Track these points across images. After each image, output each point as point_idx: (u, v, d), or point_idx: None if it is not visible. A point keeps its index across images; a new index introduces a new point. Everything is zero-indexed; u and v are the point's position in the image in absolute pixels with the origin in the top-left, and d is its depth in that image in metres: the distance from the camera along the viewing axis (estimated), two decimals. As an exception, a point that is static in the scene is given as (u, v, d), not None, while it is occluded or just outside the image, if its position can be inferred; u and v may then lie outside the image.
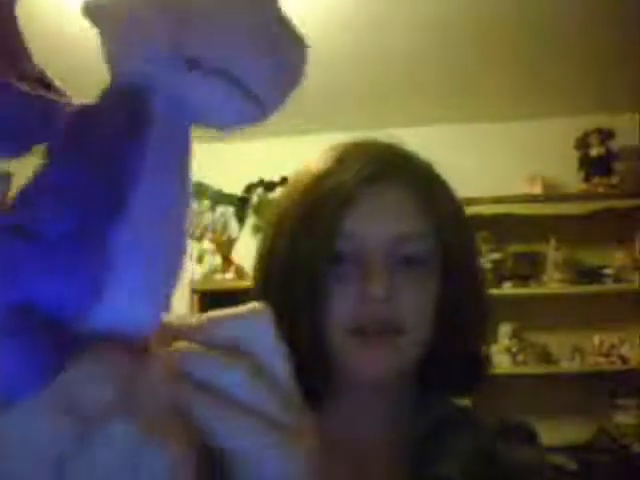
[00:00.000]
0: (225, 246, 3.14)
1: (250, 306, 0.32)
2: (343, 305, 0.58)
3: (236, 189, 3.32)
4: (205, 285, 3.03)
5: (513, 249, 3.05)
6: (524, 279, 2.96)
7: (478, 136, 3.21)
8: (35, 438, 0.26)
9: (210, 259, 3.12)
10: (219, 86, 0.28)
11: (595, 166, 2.98)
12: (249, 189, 3.27)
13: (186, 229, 0.32)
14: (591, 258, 2.99)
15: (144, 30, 0.28)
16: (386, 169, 0.62)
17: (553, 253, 2.95)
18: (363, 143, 0.66)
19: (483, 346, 0.68)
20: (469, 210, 2.73)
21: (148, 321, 0.29)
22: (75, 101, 0.32)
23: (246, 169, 3.27)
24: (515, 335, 2.88)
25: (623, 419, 2.75)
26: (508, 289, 2.93)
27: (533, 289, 2.95)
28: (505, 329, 2.88)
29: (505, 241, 3.04)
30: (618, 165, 2.98)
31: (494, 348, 2.89)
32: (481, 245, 2.96)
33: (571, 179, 3.06)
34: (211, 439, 0.28)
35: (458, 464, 0.61)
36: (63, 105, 0.31)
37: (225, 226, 3.28)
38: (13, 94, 0.29)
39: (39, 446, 0.26)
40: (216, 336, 0.30)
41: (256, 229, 3.05)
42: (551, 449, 2.54)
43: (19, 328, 0.26)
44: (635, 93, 2.87)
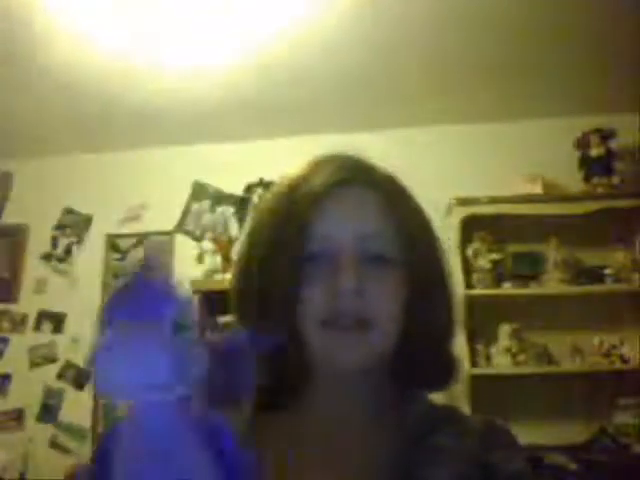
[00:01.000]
0: (225, 246, 3.13)
1: None
2: (315, 301, 0.62)
3: (236, 189, 3.32)
4: (205, 285, 3.03)
5: (513, 249, 3.05)
6: (524, 279, 2.96)
7: (478, 136, 3.21)
8: None
9: (210, 259, 3.12)
10: None
11: (595, 166, 2.98)
12: (249, 189, 3.27)
13: None
14: (591, 258, 2.98)
15: None
16: (352, 175, 0.67)
17: (553, 253, 2.94)
18: (333, 155, 0.71)
19: (451, 344, 0.70)
20: (469, 210, 2.74)
21: None
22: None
23: (246, 169, 3.27)
24: (515, 335, 2.87)
25: (623, 419, 2.75)
26: (508, 289, 2.93)
27: (533, 289, 2.94)
28: (505, 329, 2.88)
29: (505, 241, 3.04)
30: (618, 165, 2.98)
31: (494, 348, 2.89)
32: (481, 245, 2.97)
33: (571, 179, 3.06)
34: None
35: (447, 468, 0.62)
36: None
37: (225, 226, 3.28)
38: None
39: None
40: None
41: (256, 229, 3.04)
42: (551, 449, 2.54)
43: None
44: (635, 93, 2.87)
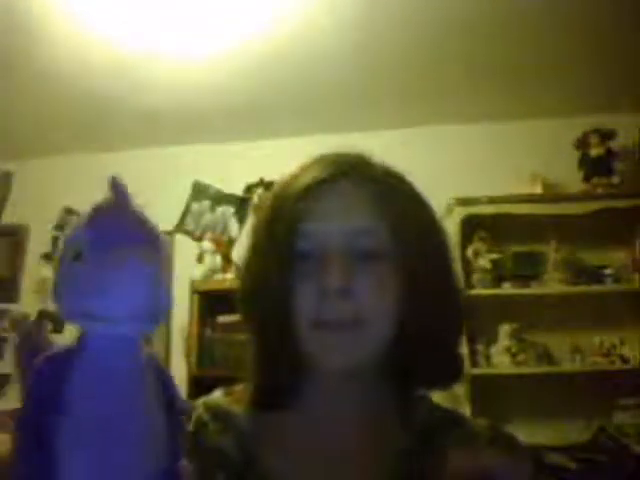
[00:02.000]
0: (225, 246, 3.14)
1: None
2: (306, 301, 0.61)
3: (236, 189, 3.32)
4: (205, 285, 3.03)
5: (513, 249, 3.05)
6: (524, 279, 2.96)
7: (478, 136, 3.21)
8: None
9: (210, 259, 3.12)
10: None
11: (595, 166, 2.98)
12: (249, 189, 3.27)
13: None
14: (591, 258, 2.98)
15: None
16: (340, 172, 0.66)
17: (553, 253, 2.95)
18: (328, 154, 0.70)
19: (457, 341, 0.69)
20: (469, 210, 2.73)
21: None
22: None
23: (246, 169, 3.27)
24: (515, 335, 2.87)
25: (623, 419, 2.75)
26: (508, 289, 2.93)
27: (533, 289, 2.94)
28: (505, 329, 2.88)
29: (505, 241, 3.04)
30: (618, 165, 2.98)
31: (494, 348, 2.89)
32: (481, 245, 2.97)
33: (571, 179, 3.06)
34: None
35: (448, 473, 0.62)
36: None
37: (225, 226, 3.28)
38: None
39: None
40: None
41: (256, 229, 3.05)
42: (551, 449, 2.54)
43: None
44: (635, 93, 2.87)
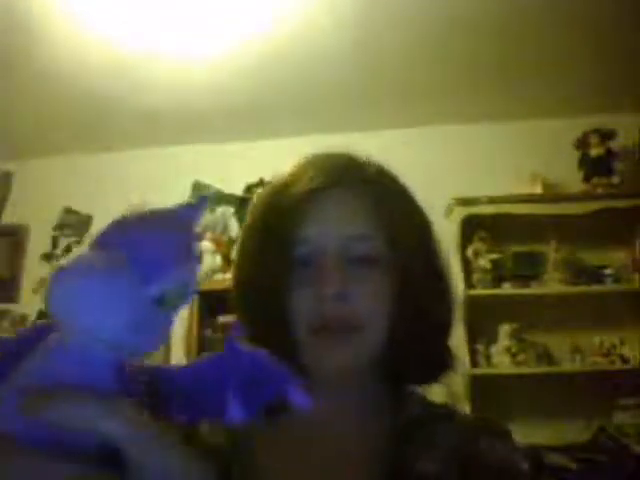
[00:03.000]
0: (225, 246, 3.13)
1: None
2: (303, 306, 0.62)
3: (236, 189, 3.32)
4: (205, 285, 3.03)
5: (513, 249, 3.05)
6: (524, 279, 2.95)
7: (478, 136, 3.21)
8: None
9: (210, 259, 3.12)
10: None
11: (595, 166, 2.98)
12: (249, 189, 3.27)
13: None
14: (591, 258, 2.98)
15: None
16: (335, 179, 0.66)
17: (553, 253, 2.94)
18: (320, 155, 0.70)
19: (448, 337, 0.70)
20: (469, 210, 2.74)
21: None
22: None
23: (246, 169, 3.27)
24: (515, 335, 2.87)
25: (623, 419, 2.75)
26: (508, 289, 2.93)
27: (533, 289, 2.94)
28: (505, 329, 2.88)
29: (505, 241, 3.04)
30: (618, 165, 2.97)
31: (494, 348, 2.89)
32: (481, 245, 2.97)
33: (571, 179, 3.06)
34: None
35: (440, 461, 0.63)
36: None
37: (225, 226, 3.28)
38: None
39: None
40: None
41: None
42: (551, 449, 2.54)
43: None
44: (635, 93, 2.87)
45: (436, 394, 0.72)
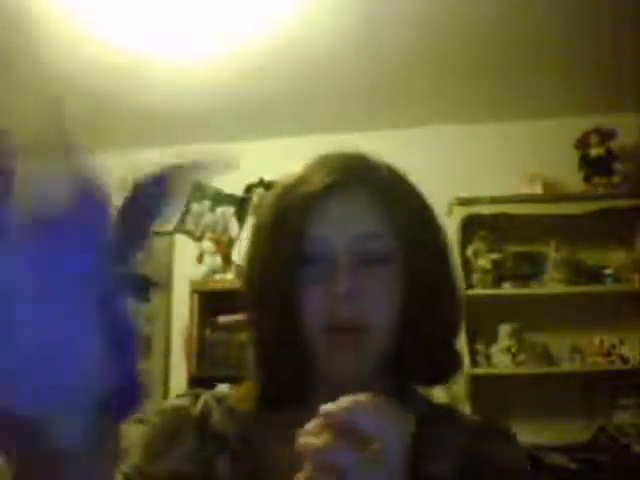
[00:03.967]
0: (225, 246, 3.13)
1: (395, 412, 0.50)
2: (313, 305, 0.63)
3: (236, 189, 3.32)
4: (205, 285, 3.03)
5: (513, 249, 3.05)
6: (524, 279, 2.95)
7: (478, 136, 3.21)
8: None
9: (210, 259, 3.12)
10: None
11: (595, 166, 2.98)
12: (249, 189, 3.27)
13: None
14: (591, 258, 2.98)
15: None
16: (346, 178, 0.66)
17: (553, 253, 2.94)
18: (331, 155, 0.71)
19: (455, 339, 0.70)
20: (469, 210, 2.73)
21: None
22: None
23: (246, 169, 3.27)
24: (515, 335, 2.87)
25: (623, 419, 2.75)
26: (508, 289, 2.93)
27: (533, 289, 2.94)
28: (505, 329, 2.88)
29: (505, 241, 3.04)
30: (618, 165, 2.97)
31: (494, 348, 2.89)
32: (481, 245, 2.96)
33: (571, 179, 3.06)
34: None
35: (448, 462, 0.63)
36: None
37: (225, 226, 3.28)
38: None
39: None
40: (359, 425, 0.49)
41: (256, 229, 3.05)
42: (551, 449, 2.54)
43: None
44: (636, 93, 2.87)
45: (436, 394, 0.72)
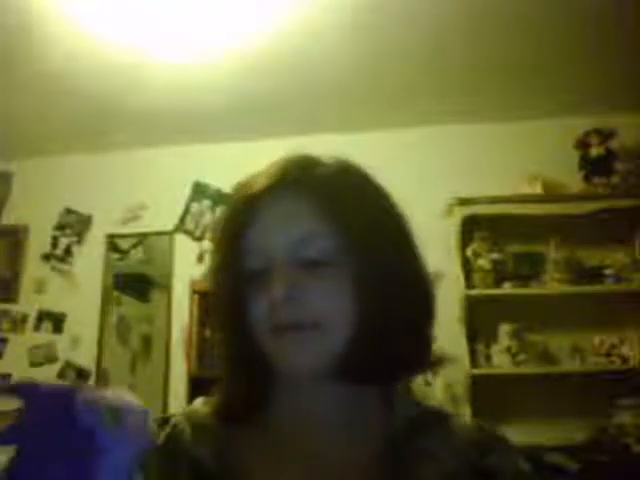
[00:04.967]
0: (225, 246, 3.13)
1: None
2: (260, 313, 0.63)
3: (236, 189, 3.32)
4: (205, 285, 3.02)
5: (513, 249, 3.05)
6: (524, 279, 2.96)
7: (478, 136, 3.21)
8: None
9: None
10: None
11: (595, 166, 2.98)
12: (249, 189, 3.27)
13: None
14: (591, 258, 2.99)
15: None
16: (282, 182, 0.66)
17: (553, 253, 2.95)
18: (276, 161, 0.71)
19: (428, 325, 0.67)
20: (469, 210, 2.73)
21: None
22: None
23: (246, 169, 3.26)
24: (515, 335, 2.87)
25: (623, 419, 2.75)
26: (508, 289, 2.93)
27: (533, 289, 2.94)
28: (505, 329, 2.88)
29: (505, 241, 3.04)
30: (618, 165, 2.98)
31: (494, 348, 2.89)
32: (481, 245, 2.97)
33: (571, 179, 3.06)
34: None
35: (432, 469, 0.63)
36: None
37: (225, 226, 3.28)
38: None
39: None
40: None
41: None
42: (551, 449, 2.54)
43: None
44: (635, 93, 2.87)
45: (436, 394, 0.72)
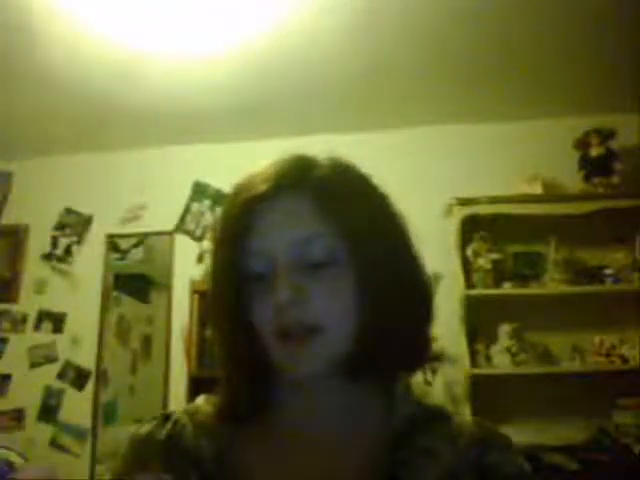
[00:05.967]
0: (225, 246, 3.14)
1: None
2: (264, 316, 0.63)
3: (236, 189, 3.32)
4: (205, 285, 3.02)
5: (513, 249, 3.05)
6: (524, 279, 2.96)
7: (478, 136, 3.21)
8: None
9: (210, 259, 3.11)
10: None
11: (595, 166, 2.98)
12: (249, 189, 3.27)
13: None
14: (591, 258, 2.99)
15: None
16: (281, 184, 0.66)
17: (553, 253, 2.95)
18: (274, 162, 0.71)
19: (426, 325, 0.68)
20: (469, 210, 2.73)
21: None
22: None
23: (246, 169, 3.27)
24: (515, 335, 2.87)
25: (623, 419, 2.75)
26: (508, 289, 2.93)
27: (533, 289, 2.94)
28: (505, 329, 2.88)
29: (505, 241, 3.04)
30: (618, 165, 2.97)
31: (494, 348, 2.89)
32: (481, 245, 2.97)
33: (571, 179, 3.06)
34: None
35: (432, 469, 0.63)
36: None
37: (225, 226, 3.28)
38: None
39: None
40: None
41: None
42: (551, 449, 2.54)
43: None
44: (635, 93, 2.87)
45: (437, 394, 0.72)
